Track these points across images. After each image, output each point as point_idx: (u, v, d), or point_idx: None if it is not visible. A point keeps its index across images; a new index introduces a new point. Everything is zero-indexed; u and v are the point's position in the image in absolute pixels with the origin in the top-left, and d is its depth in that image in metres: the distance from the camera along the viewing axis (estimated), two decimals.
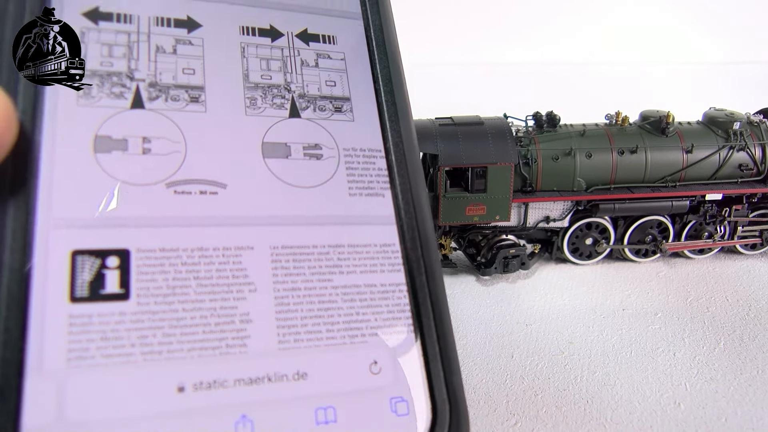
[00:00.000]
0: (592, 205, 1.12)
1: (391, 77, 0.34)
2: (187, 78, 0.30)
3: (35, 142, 0.26)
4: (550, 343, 0.94)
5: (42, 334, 0.24)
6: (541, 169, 1.09)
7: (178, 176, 0.28)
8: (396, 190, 0.32)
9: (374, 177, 0.32)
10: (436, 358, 0.29)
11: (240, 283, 0.27)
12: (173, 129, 0.29)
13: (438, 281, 0.30)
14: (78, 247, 0.25)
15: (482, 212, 1.06)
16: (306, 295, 0.28)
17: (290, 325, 0.27)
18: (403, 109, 0.33)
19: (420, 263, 0.30)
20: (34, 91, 0.27)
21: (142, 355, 0.25)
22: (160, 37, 0.31)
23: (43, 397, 0.23)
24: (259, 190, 0.29)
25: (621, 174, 1.11)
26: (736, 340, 0.95)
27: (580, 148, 1.10)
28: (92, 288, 0.25)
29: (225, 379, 0.25)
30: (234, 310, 0.27)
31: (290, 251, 0.29)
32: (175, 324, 0.25)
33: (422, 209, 0.31)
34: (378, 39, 0.35)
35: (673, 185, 1.13)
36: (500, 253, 1.09)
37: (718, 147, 1.13)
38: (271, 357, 0.26)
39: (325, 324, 0.28)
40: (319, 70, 0.33)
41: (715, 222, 1.18)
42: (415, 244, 0.31)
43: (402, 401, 0.28)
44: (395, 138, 0.33)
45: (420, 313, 0.29)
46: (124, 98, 0.29)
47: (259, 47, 0.32)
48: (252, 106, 0.31)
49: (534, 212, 1.13)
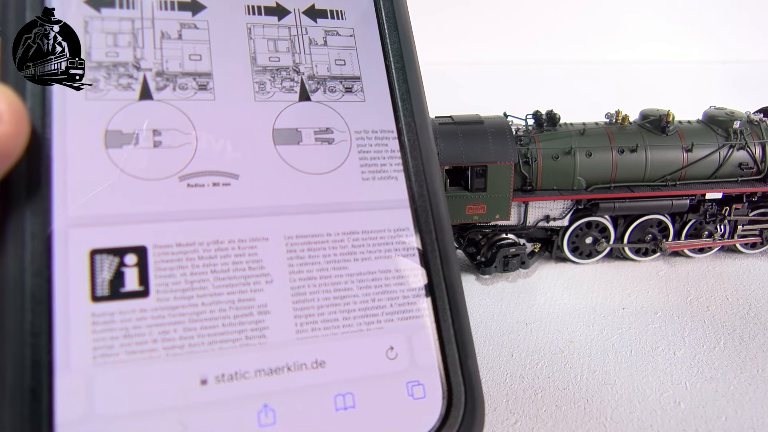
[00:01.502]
0: (592, 204, 1.12)
1: (402, 53, 0.33)
2: (194, 65, 0.30)
3: (46, 141, 0.26)
4: (550, 342, 0.94)
5: (67, 334, 0.24)
6: (541, 168, 1.09)
7: (191, 169, 0.28)
8: (409, 172, 0.31)
9: (387, 159, 0.31)
10: (452, 342, 0.29)
11: (256, 274, 0.27)
12: (183, 120, 0.29)
13: (452, 264, 0.30)
14: (96, 246, 0.25)
15: (482, 211, 1.06)
16: (322, 283, 0.28)
17: (307, 315, 0.27)
18: (416, 86, 0.32)
19: (434, 247, 0.30)
20: (42, 89, 0.27)
21: (164, 350, 0.25)
22: (164, 22, 0.30)
23: (73, 395, 0.23)
24: (271, 179, 0.29)
25: (621, 173, 1.11)
26: (737, 339, 0.95)
27: (580, 146, 1.10)
28: (112, 286, 0.25)
29: (246, 370, 0.26)
30: (252, 302, 0.27)
31: (305, 240, 0.28)
32: (195, 318, 0.26)
33: (436, 192, 0.31)
34: (388, 11, 0.33)
35: (673, 184, 1.13)
36: (500, 252, 1.09)
37: (718, 146, 1.13)
38: (289, 346, 0.27)
39: (342, 312, 0.28)
40: (328, 49, 0.32)
41: (715, 221, 1.18)
42: (429, 228, 0.30)
43: (418, 385, 0.28)
44: (407, 118, 0.32)
45: (435, 296, 0.29)
46: (132, 89, 0.28)
47: (265, 27, 0.31)
48: (261, 91, 0.30)
49: (534, 211, 1.13)
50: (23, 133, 0.24)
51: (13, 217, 0.25)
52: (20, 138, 0.24)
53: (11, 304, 0.24)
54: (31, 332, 0.23)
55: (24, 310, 0.24)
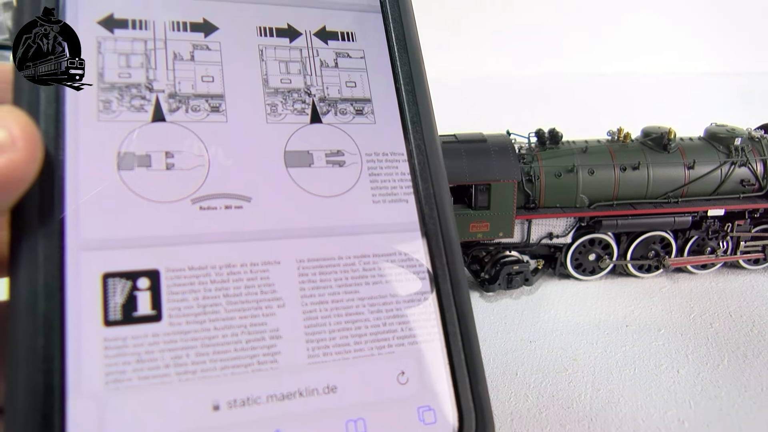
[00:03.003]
0: (595, 221, 1.13)
1: (412, 75, 0.33)
2: (207, 86, 0.30)
3: (59, 164, 0.26)
4: (554, 360, 0.95)
5: (80, 359, 0.24)
6: (543, 186, 1.09)
7: (203, 191, 0.28)
8: (419, 195, 0.31)
9: (397, 182, 0.31)
10: (462, 366, 0.28)
11: (268, 298, 0.27)
12: (195, 142, 0.28)
13: (463, 287, 0.30)
14: (109, 270, 0.25)
15: (486, 229, 1.07)
16: (333, 308, 0.28)
17: (319, 339, 0.27)
18: (425, 108, 0.32)
19: (445, 270, 0.30)
20: (55, 110, 0.26)
21: (177, 375, 0.25)
22: (177, 44, 0.30)
23: (85, 420, 0.23)
24: (283, 202, 0.29)
25: (623, 190, 1.12)
26: (740, 356, 0.95)
27: (583, 164, 1.10)
28: (125, 311, 0.25)
29: (258, 396, 0.26)
30: (264, 326, 0.27)
31: (316, 264, 0.28)
32: (207, 343, 0.26)
33: (446, 214, 0.31)
34: (398, 33, 0.33)
35: (675, 201, 1.13)
36: (504, 270, 1.10)
37: (719, 163, 1.14)
38: (301, 371, 0.27)
39: (353, 336, 0.28)
40: (339, 71, 0.32)
41: (718, 237, 1.18)
42: (440, 251, 0.30)
43: (429, 410, 0.28)
44: (418, 140, 0.32)
45: (445, 320, 0.29)
46: (145, 111, 0.28)
47: (277, 49, 0.31)
48: (273, 113, 0.30)
49: (537, 228, 1.13)
50: (37, 157, 0.24)
51: (26, 240, 0.25)
52: (34, 163, 0.24)
53: (24, 328, 0.24)
54: (43, 357, 0.23)
55: (36, 334, 0.24)
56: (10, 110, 0.25)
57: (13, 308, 0.24)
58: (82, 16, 0.28)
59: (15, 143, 0.23)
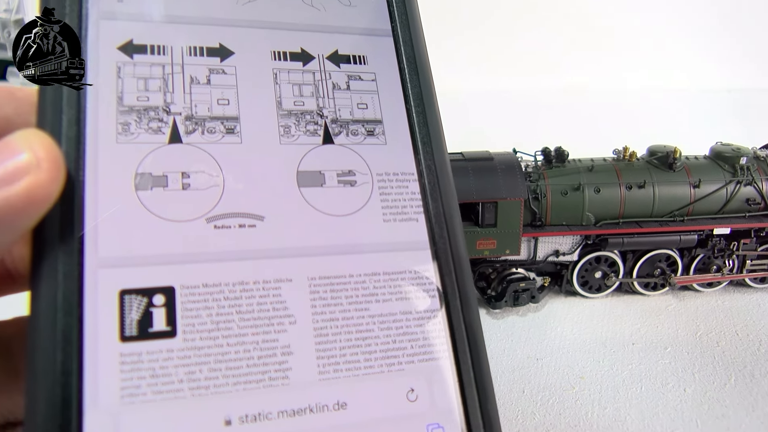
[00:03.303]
0: (601, 239, 1.13)
1: (423, 96, 0.33)
2: (222, 109, 0.30)
3: (79, 184, 0.26)
4: (560, 378, 0.95)
5: (96, 374, 0.24)
6: (550, 204, 1.10)
7: (218, 210, 0.28)
8: (429, 214, 0.31)
9: (407, 201, 0.31)
10: (471, 384, 0.29)
11: (280, 315, 0.27)
12: (211, 162, 0.29)
13: (472, 306, 0.30)
14: (125, 287, 0.26)
15: (492, 246, 1.08)
16: (344, 325, 0.28)
17: (330, 356, 0.27)
18: (435, 129, 0.33)
19: (454, 288, 0.30)
20: (76, 132, 0.27)
21: (190, 390, 0.25)
22: (193, 68, 0.30)
23: None
24: (295, 221, 0.29)
25: (629, 208, 1.12)
26: (747, 375, 0.95)
27: (589, 183, 1.11)
28: (140, 327, 0.25)
29: (269, 412, 0.26)
30: (275, 342, 0.27)
31: (327, 281, 0.29)
32: (221, 359, 0.26)
33: (456, 233, 0.31)
34: (408, 56, 0.34)
35: (681, 219, 1.14)
36: (510, 287, 1.10)
37: (725, 182, 1.15)
38: (312, 388, 0.27)
39: (363, 353, 0.28)
40: (351, 93, 0.33)
41: (724, 256, 1.18)
42: (450, 269, 0.30)
43: (438, 428, 0.28)
44: (428, 160, 0.32)
45: (455, 338, 0.29)
46: (162, 133, 0.29)
47: (291, 72, 0.32)
48: (286, 134, 0.31)
49: (543, 246, 1.14)
50: (60, 178, 0.25)
51: (47, 257, 0.25)
52: (57, 184, 0.25)
53: (43, 343, 0.24)
54: (61, 371, 0.24)
55: (55, 349, 0.24)
56: (35, 133, 0.25)
57: (33, 324, 0.25)
58: (102, 42, 0.29)
59: (40, 165, 0.24)
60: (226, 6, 0.32)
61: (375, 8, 0.35)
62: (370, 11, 0.35)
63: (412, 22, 0.35)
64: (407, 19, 0.35)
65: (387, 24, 0.34)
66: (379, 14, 0.35)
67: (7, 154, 0.24)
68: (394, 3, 0.35)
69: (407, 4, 0.35)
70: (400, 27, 0.34)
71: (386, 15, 0.35)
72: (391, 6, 0.35)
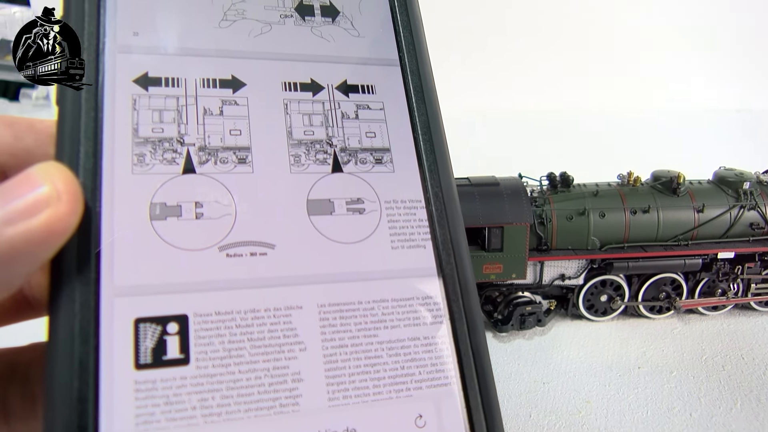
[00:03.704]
0: (606, 263, 1.14)
1: (430, 124, 0.34)
2: (235, 139, 0.31)
3: (96, 214, 0.27)
4: (567, 402, 0.95)
5: (112, 401, 0.24)
6: (555, 229, 1.11)
7: (230, 239, 0.29)
8: (437, 240, 0.32)
9: (415, 228, 0.32)
10: (479, 409, 0.29)
11: (291, 342, 0.28)
12: (223, 192, 0.29)
13: (479, 332, 0.30)
14: (140, 315, 0.26)
15: (499, 270, 1.09)
16: (353, 351, 0.28)
17: (339, 382, 0.28)
18: (442, 157, 0.33)
19: (462, 314, 0.30)
20: (93, 164, 0.28)
21: (203, 417, 0.25)
22: (207, 99, 0.31)
23: None
24: (305, 249, 0.29)
25: (634, 233, 1.13)
26: (753, 400, 0.95)
27: (594, 207, 1.12)
28: (155, 354, 0.26)
29: None
30: (286, 369, 0.27)
31: (337, 308, 0.29)
32: (232, 386, 0.26)
33: (463, 259, 0.31)
34: (416, 85, 0.34)
35: (686, 244, 1.15)
36: (517, 310, 1.11)
37: (728, 206, 1.16)
38: (321, 414, 0.27)
39: (372, 380, 0.28)
40: (359, 122, 0.33)
41: (728, 279, 1.19)
42: (457, 295, 0.31)
43: None
44: (435, 188, 0.32)
45: (462, 364, 0.29)
46: (176, 164, 0.29)
47: (301, 103, 0.33)
48: (296, 163, 0.31)
49: (549, 270, 1.15)
50: (78, 211, 0.25)
51: (64, 287, 0.26)
52: (75, 216, 0.25)
53: (60, 372, 0.25)
54: (78, 398, 0.24)
55: (72, 377, 0.24)
56: (54, 166, 0.26)
57: (50, 352, 0.25)
58: (119, 75, 0.30)
59: (59, 197, 0.25)
60: (238, 38, 0.33)
61: (383, 38, 0.36)
62: (377, 41, 0.35)
63: (419, 52, 0.35)
64: (414, 48, 0.35)
65: (394, 53, 0.35)
66: (386, 44, 0.35)
67: (28, 187, 0.24)
68: (401, 33, 0.36)
69: (414, 34, 0.36)
70: (407, 56, 0.35)
71: (394, 45, 0.35)
72: (398, 36, 0.36)
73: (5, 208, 0.24)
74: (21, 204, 0.24)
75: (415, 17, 0.36)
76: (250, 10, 0.34)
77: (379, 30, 0.36)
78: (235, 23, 0.33)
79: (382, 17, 0.36)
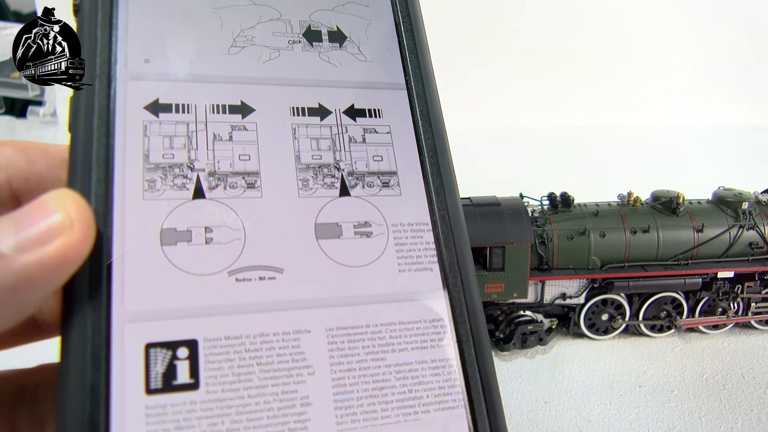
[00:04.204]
0: (607, 283, 1.15)
1: (436, 148, 0.34)
2: (244, 164, 0.31)
3: (107, 240, 0.27)
4: (568, 422, 0.95)
5: (123, 426, 0.25)
6: (556, 248, 1.12)
7: (239, 264, 0.29)
8: (444, 263, 0.32)
9: (422, 251, 0.32)
10: None
11: (299, 366, 0.28)
12: (233, 217, 0.30)
13: (486, 354, 0.30)
14: (151, 340, 0.26)
15: (500, 290, 1.10)
16: (361, 375, 0.29)
17: (347, 406, 0.28)
18: (449, 180, 0.33)
19: (469, 337, 0.30)
20: (105, 191, 0.28)
21: None
22: (216, 125, 0.31)
23: None
24: (313, 273, 0.30)
25: (634, 252, 1.14)
26: (754, 419, 0.96)
27: (594, 227, 1.13)
28: (165, 379, 0.26)
29: None
30: (294, 393, 0.27)
31: (345, 332, 0.29)
32: (242, 410, 0.26)
33: (470, 282, 0.31)
34: (422, 108, 0.35)
35: (686, 263, 1.15)
36: (518, 329, 1.12)
37: (728, 226, 1.17)
38: None
39: (380, 403, 0.28)
40: (366, 146, 0.34)
41: (728, 298, 1.20)
42: (464, 318, 0.31)
43: None
44: (441, 210, 0.33)
45: (470, 387, 0.29)
46: (186, 189, 0.29)
47: (309, 127, 0.33)
48: (304, 187, 0.32)
49: (551, 289, 1.16)
50: (90, 238, 0.26)
51: (76, 313, 0.26)
52: (88, 243, 0.26)
53: (73, 396, 0.25)
54: (89, 423, 0.25)
55: (84, 401, 0.25)
56: (68, 193, 0.26)
57: (62, 376, 0.25)
58: (130, 102, 0.30)
59: (72, 225, 0.25)
60: (247, 64, 0.33)
61: (389, 62, 0.36)
62: (384, 65, 0.36)
63: (425, 75, 0.36)
64: (420, 72, 0.36)
65: (401, 77, 0.36)
66: (393, 68, 0.36)
67: (42, 214, 0.25)
68: (407, 57, 0.36)
69: (420, 57, 0.36)
70: (413, 80, 0.35)
71: (400, 69, 0.36)
72: (405, 60, 0.36)
73: (19, 236, 0.24)
74: (35, 231, 0.24)
75: (421, 41, 0.37)
76: (258, 37, 0.34)
77: (385, 54, 0.36)
78: (244, 49, 0.34)
79: (389, 42, 0.36)
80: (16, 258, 0.24)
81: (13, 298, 0.24)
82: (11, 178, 0.31)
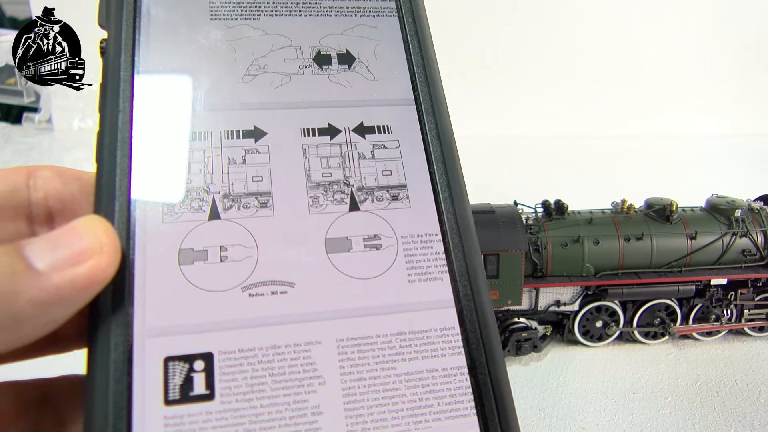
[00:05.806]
0: (601, 290, 1.15)
1: (445, 160, 0.34)
2: (256, 185, 0.32)
3: (129, 261, 0.29)
4: (563, 429, 0.96)
5: None
6: (550, 256, 1.13)
7: (252, 280, 0.30)
8: (454, 273, 0.32)
9: (432, 261, 0.32)
10: None
11: (310, 377, 0.29)
12: (246, 235, 0.31)
13: (498, 362, 0.30)
14: (169, 354, 0.28)
15: (495, 297, 1.10)
16: (371, 384, 0.29)
17: (357, 416, 0.28)
18: (458, 191, 0.34)
19: (479, 345, 0.30)
20: (127, 216, 0.30)
21: None
22: (231, 150, 0.33)
23: None
24: (324, 286, 0.31)
25: (628, 260, 1.15)
26: (747, 426, 0.96)
27: (588, 235, 1.14)
28: (182, 391, 0.27)
29: None
30: (306, 403, 0.28)
31: (355, 343, 0.30)
32: (255, 420, 0.27)
33: (480, 291, 0.32)
34: (430, 123, 0.35)
35: (679, 270, 1.16)
36: (513, 336, 1.12)
37: (721, 233, 1.17)
38: None
39: (390, 412, 0.29)
40: (376, 161, 0.34)
41: (722, 305, 1.21)
42: (474, 327, 0.31)
43: None
44: (451, 221, 0.33)
45: (481, 395, 0.29)
46: (202, 211, 0.31)
47: (319, 147, 0.34)
48: (315, 204, 0.33)
49: (545, 296, 1.16)
50: (117, 261, 0.28)
51: (101, 329, 0.28)
52: (115, 266, 0.28)
53: (97, 409, 0.26)
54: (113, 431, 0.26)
55: (107, 414, 0.26)
56: (98, 220, 0.29)
57: (88, 388, 0.27)
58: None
59: (102, 249, 0.27)
60: (260, 91, 0.35)
61: (398, 80, 0.37)
62: (393, 83, 0.36)
63: (433, 90, 0.36)
64: (428, 86, 0.36)
65: (410, 93, 0.36)
66: (402, 85, 0.36)
67: (74, 238, 0.27)
68: (416, 74, 0.37)
69: (428, 73, 0.37)
70: (422, 96, 0.36)
71: (409, 85, 0.36)
72: (413, 77, 0.37)
73: (55, 256, 0.26)
74: (68, 253, 0.26)
75: (429, 56, 0.37)
76: (271, 64, 0.35)
77: (394, 72, 0.37)
78: (257, 77, 0.35)
79: (397, 59, 0.37)
80: (50, 275, 0.26)
81: (43, 313, 0.26)
82: (48, 197, 0.34)
